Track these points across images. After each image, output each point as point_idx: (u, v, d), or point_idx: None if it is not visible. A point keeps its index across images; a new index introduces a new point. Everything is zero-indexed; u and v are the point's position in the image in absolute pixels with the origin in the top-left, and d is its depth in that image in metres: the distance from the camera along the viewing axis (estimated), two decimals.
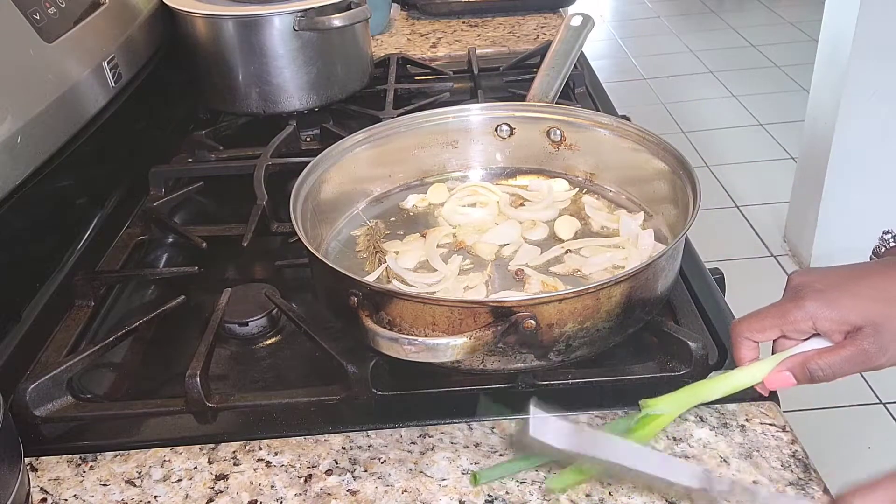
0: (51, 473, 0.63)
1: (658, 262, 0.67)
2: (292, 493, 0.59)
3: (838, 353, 0.57)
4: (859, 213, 2.31)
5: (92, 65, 0.94)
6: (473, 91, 1.25)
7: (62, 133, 0.86)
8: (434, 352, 0.59)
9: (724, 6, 4.94)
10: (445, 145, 0.94)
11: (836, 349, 0.57)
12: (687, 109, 3.58)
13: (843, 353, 0.56)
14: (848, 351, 0.56)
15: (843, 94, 2.20)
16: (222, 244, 0.89)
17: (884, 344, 0.56)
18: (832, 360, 0.57)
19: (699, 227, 0.70)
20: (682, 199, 0.77)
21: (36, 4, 0.86)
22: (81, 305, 0.81)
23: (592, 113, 0.92)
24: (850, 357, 0.56)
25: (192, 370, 0.67)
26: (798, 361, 0.58)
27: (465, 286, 0.76)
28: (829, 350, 0.57)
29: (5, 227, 0.79)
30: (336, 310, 0.71)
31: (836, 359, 0.57)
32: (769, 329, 0.60)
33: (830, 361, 0.57)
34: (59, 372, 0.69)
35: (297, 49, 1.12)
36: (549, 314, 0.62)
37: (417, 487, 0.59)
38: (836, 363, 0.57)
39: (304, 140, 1.15)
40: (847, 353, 0.56)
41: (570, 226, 0.84)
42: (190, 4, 1.12)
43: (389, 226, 0.88)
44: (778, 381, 0.59)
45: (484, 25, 1.59)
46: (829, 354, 0.57)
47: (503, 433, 0.63)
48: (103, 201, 1.01)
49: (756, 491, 0.56)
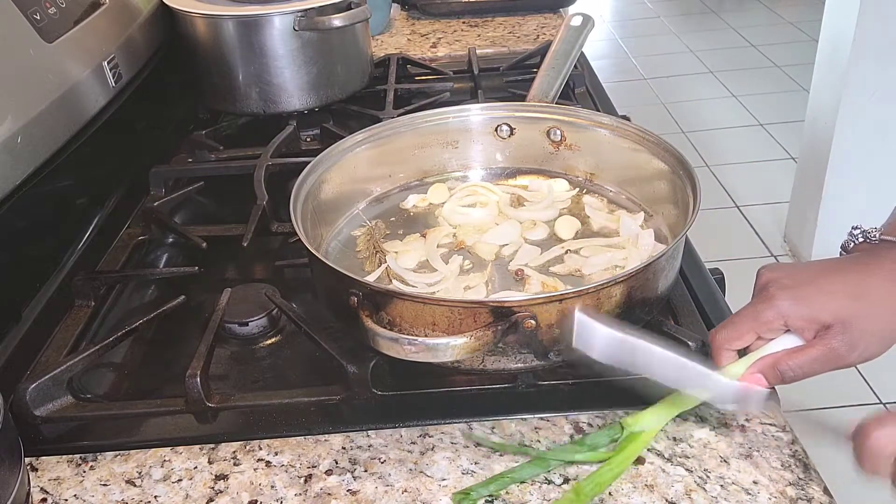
0: (51, 473, 0.63)
1: (658, 262, 0.67)
2: (292, 493, 0.59)
3: (807, 352, 0.57)
4: (859, 213, 2.30)
5: (92, 65, 0.94)
6: (473, 91, 1.25)
7: (62, 133, 0.86)
8: (434, 352, 0.59)
9: (724, 6, 4.94)
10: (445, 145, 0.94)
11: (805, 349, 0.57)
12: (687, 109, 3.58)
13: (811, 353, 0.57)
14: (817, 350, 0.57)
15: (843, 94, 2.20)
16: (222, 244, 0.89)
17: (853, 341, 0.56)
18: (801, 360, 0.57)
19: (699, 227, 0.70)
20: (682, 199, 0.77)
21: (36, 4, 0.86)
22: (81, 305, 0.81)
23: (592, 113, 0.92)
24: (819, 357, 0.57)
25: (193, 370, 0.67)
26: (769, 363, 0.58)
27: (465, 286, 0.76)
28: (799, 350, 0.58)
29: (5, 227, 0.79)
30: (336, 310, 0.71)
31: (804, 359, 0.57)
32: (745, 335, 0.60)
33: (800, 362, 0.57)
34: (60, 372, 0.69)
35: (298, 49, 1.12)
36: (549, 314, 0.62)
37: (417, 487, 0.59)
38: (805, 363, 0.57)
39: (304, 140, 1.15)
40: (816, 353, 0.57)
41: (570, 226, 0.84)
42: (190, 4, 1.12)
43: (389, 226, 0.88)
44: (750, 384, 0.60)
45: (484, 25, 1.59)
46: (799, 355, 0.57)
47: (503, 433, 0.63)
48: (103, 201, 1.01)
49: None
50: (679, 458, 0.60)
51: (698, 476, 0.59)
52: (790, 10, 4.63)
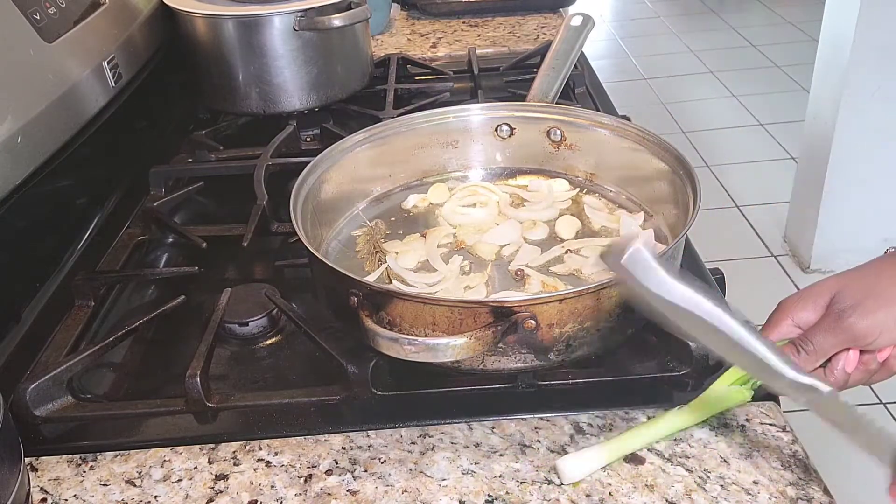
0: (51, 473, 0.63)
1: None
2: (292, 493, 0.59)
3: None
4: (859, 213, 2.31)
5: (92, 65, 0.94)
6: (473, 91, 1.25)
7: (62, 133, 0.86)
8: (434, 352, 0.59)
9: (724, 6, 4.94)
10: (445, 145, 0.94)
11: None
12: (687, 109, 3.58)
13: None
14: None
15: (843, 94, 2.19)
16: (222, 244, 0.89)
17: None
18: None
19: (699, 227, 0.70)
20: (682, 199, 0.77)
21: (36, 4, 0.86)
22: (81, 305, 0.80)
23: (592, 113, 0.92)
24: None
25: (193, 370, 0.67)
26: None
27: (465, 286, 0.76)
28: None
29: (5, 227, 0.79)
30: (336, 310, 0.71)
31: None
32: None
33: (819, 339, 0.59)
34: (59, 372, 0.69)
35: (298, 49, 1.12)
36: (549, 314, 0.62)
37: (417, 487, 0.59)
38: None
39: (304, 140, 1.15)
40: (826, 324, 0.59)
41: (571, 226, 0.84)
42: (190, 4, 1.12)
43: (390, 226, 0.88)
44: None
45: (484, 25, 1.59)
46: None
47: (503, 433, 0.63)
48: (103, 201, 1.01)
49: None
50: (679, 458, 0.60)
51: (698, 476, 0.59)
52: (790, 10, 4.63)
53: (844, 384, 0.60)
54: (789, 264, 2.53)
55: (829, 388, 0.53)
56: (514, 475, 0.59)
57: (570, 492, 0.58)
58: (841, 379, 0.60)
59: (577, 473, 0.58)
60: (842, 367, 0.59)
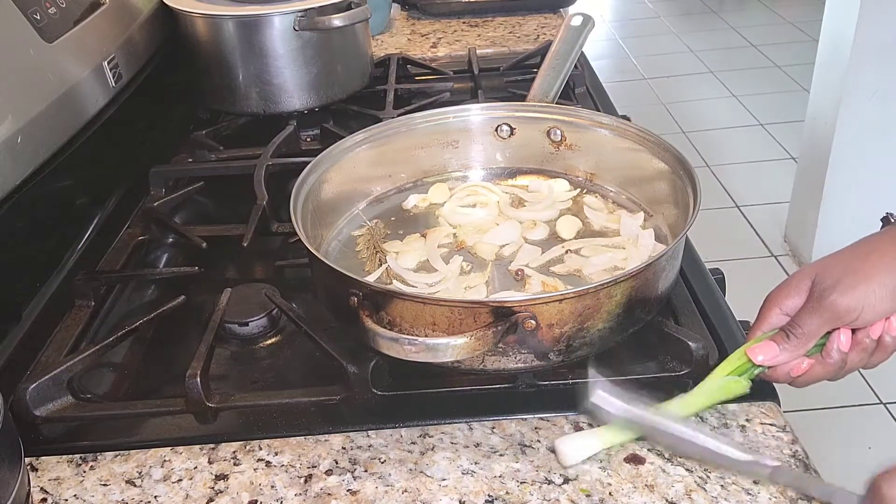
0: (51, 473, 0.63)
1: (658, 262, 0.67)
2: (292, 493, 0.59)
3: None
4: (859, 213, 2.31)
5: (92, 65, 0.94)
6: (473, 91, 1.25)
7: (62, 133, 0.86)
8: (434, 352, 0.59)
9: (724, 6, 4.94)
10: (445, 145, 0.94)
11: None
12: (687, 109, 3.58)
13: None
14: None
15: (843, 94, 2.20)
16: (222, 244, 0.89)
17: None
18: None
19: (699, 227, 0.70)
20: (682, 199, 0.77)
21: (36, 4, 0.86)
22: (81, 305, 0.80)
23: (592, 113, 0.92)
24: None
25: (193, 370, 0.67)
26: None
27: (465, 286, 0.76)
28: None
29: (5, 227, 0.79)
30: (336, 310, 0.71)
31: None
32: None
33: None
34: (60, 372, 0.69)
35: (298, 49, 1.12)
36: (549, 314, 0.62)
37: (417, 487, 0.59)
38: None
39: (304, 140, 1.15)
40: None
41: (571, 226, 0.84)
42: (190, 4, 1.12)
43: (390, 226, 0.88)
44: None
45: (484, 25, 1.59)
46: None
47: (503, 433, 0.63)
48: (103, 201, 1.01)
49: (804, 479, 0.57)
50: (679, 458, 0.60)
51: (698, 476, 0.59)
52: (790, 10, 4.63)
53: (842, 367, 0.60)
54: (789, 264, 2.53)
55: (776, 462, 0.57)
56: (514, 475, 0.59)
57: (570, 492, 0.58)
58: (838, 361, 0.60)
59: (575, 456, 0.59)
60: (836, 348, 0.60)
